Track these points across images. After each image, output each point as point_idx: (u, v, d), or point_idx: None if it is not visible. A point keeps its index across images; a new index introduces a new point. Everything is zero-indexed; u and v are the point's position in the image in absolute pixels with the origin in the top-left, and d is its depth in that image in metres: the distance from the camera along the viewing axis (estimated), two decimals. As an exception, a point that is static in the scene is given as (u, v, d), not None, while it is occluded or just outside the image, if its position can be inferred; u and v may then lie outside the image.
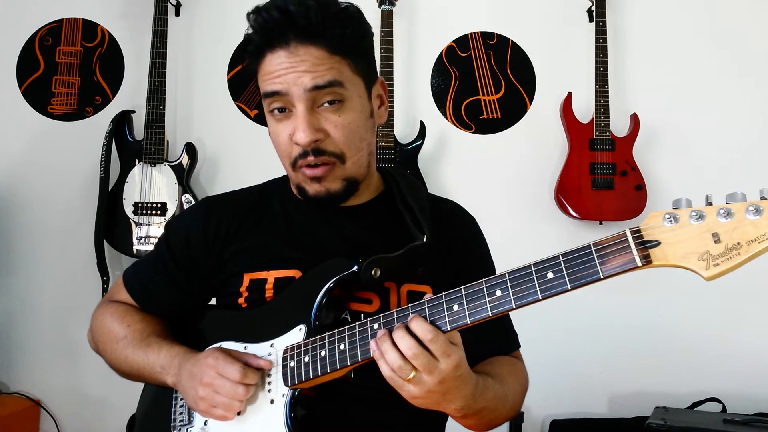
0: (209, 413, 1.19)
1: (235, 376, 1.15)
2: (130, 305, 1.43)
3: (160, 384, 1.30)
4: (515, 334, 1.41)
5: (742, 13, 3.06)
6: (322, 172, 1.23)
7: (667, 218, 0.86)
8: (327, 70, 1.19)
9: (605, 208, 2.84)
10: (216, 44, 3.11)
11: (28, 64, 3.09)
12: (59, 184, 3.04)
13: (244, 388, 1.15)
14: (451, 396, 1.05)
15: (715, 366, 2.89)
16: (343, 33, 1.21)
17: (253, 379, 1.17)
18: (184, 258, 1.38)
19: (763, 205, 0.79)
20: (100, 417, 2.96)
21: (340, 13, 1.23)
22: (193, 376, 1.20)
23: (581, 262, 0.92)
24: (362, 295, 1.26)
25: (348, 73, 1.22)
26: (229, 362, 1.17)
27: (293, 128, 1.21)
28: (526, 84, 3.09)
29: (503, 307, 0.99)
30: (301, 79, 1.18)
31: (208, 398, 1.17)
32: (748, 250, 0.80)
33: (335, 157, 1.23)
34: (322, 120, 1.21)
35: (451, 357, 1.01)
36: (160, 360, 1.28)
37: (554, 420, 2.85)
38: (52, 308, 3.01)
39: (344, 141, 1.23)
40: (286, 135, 1.23)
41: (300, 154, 1.22)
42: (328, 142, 1.22)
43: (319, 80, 1.18)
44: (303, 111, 1.19)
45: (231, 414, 1.17)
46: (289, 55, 1.18)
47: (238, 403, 1.16)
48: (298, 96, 1.19)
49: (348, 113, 1.23)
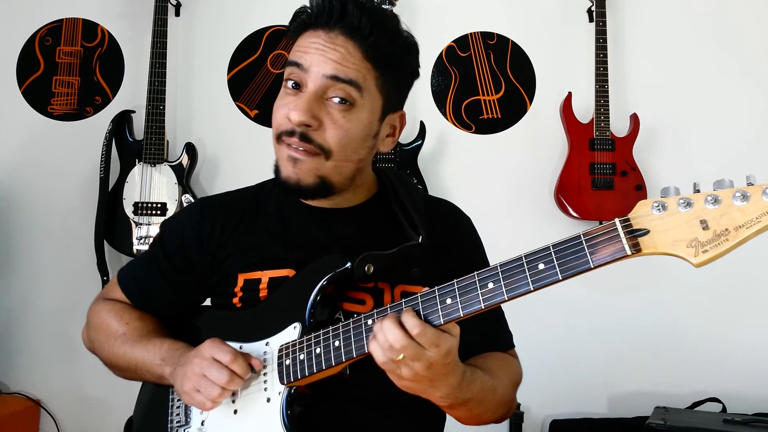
0: (191, 397, 1.18)
1: (225, 358, 1.15)
2: (125, 304, 1.43)
3: (156, 378, 1.30)
4: (510, 334, 1.41)
5: (742, 13, 3.06)
6: (301, 156, 1.22)
7: (655, 206, 0.86)
8: (352, 69, 1.20)
9: (605, 208, 2.84)
10: (216, 44, 3.12)
11: (28, 64, 3.10)
12: (59, 184, 3.04)
13: (228, 374, 1.14)
14: (438, 383, 1.05)
15: (715, 366, 2.89)
16: (386, 48, 1.22)
17: (240, 369, 1.16)
18: (178, 259, 1.38)
19: (750, 190, 0.80)
20: (100, 417, 2.96)
21: (394, 33, 1.25)
22: (189, 361, 1.20)
23: (571, 252, 0.92)
24: (356, 295, 1.26)
25: (371, 84, 1.22)
26: (224, 346, 1.18)
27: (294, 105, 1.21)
28: (526, 84, 3.09)
29: (495, 299, 0.99)
30: (324, 64, 1.19)
31: (193, 378, 1.17)
32: (736, 235, 0.80)
33: (320, 149, 1.21)
34: (323, 111, 1.21)
35: (440, 347, 1.01)
36: (161, 353, 1.29)
37: (554, 420, 2.85)
38: (52, 308, 3.01)
39: (336, 140, 1.21)
40: (286, 109, 1.22)
41: (287, 131, 1.22)
42: (318, 132, 1.21)
43: (341, 73, 1.19)
44: (310, 92, 1.20)
45: (209, 402, 1.16)
46: (327, 38, 1.20)
47: (219, 390, 1.15)
48: (314, 77, 1.19)
49: (352, 120, 1.22)
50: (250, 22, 3.10)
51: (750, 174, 0.80)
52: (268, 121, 1.31)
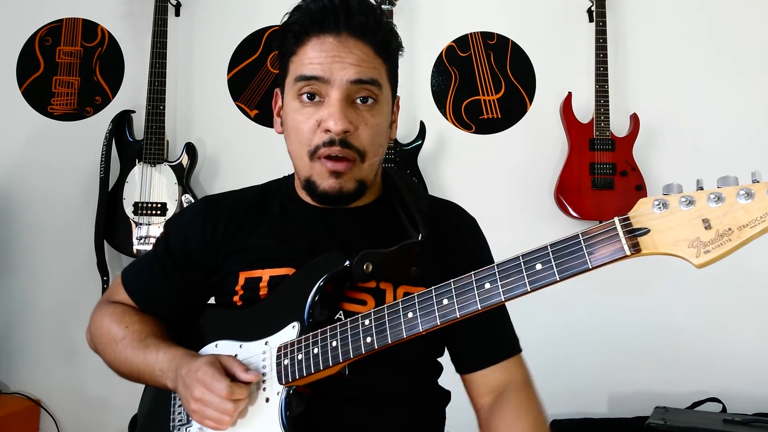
0: (203, 424, 1.18)
1: (223, 393, 1.13)
2: (128, 306, 1.42)
3: (161, 387, 1.30)
4: (515, 338, 1.37)
5: (741, 13, 3.06)
6: (344, 168, 1.23)
7: (656, 204, 0.83)
8: (371, 68, 1.22)
9: (605, 208, 2.83)
10: (216, 44, 3.11)
11: (28, 64, 3.09)
12: (59, 184, 3.04)
13: (232, 404, 1.14)
14: None
15: (715, 366, 2.88)
16: (388, 39, 1.27)
17: (241, 395, 1.15)
18: (182, 258, 1.38)
19: (754, 188, 0.77)
20: (100, 417, 2.96)
21: (389, 24, 1.29)
22: (186, 387, 1.19)
23: (569, 252, 0.91)
24: (357, 296, 1.25)
25: (384, 78, 1.26)
26: (216, 379, 1.14)
27: (322, 116, 1.21)
28: (526, 84, 3.09)
29: (492, 300, 0.98)
30: (346, 70, 1.19)
31: (199, 412, 1.16)
32: (739, 235, 0.77)
33: (358, 153, 1.23)
34: (354, 114, 1.22)
35: None
36: (158, 363, 1.28)
37: (554, 420, 2.84)
38: (52, 308, 3.00)
39: (369, 140, 1.24)
40: (312, 122, 1.22)
41: (326, 141, 1.21)
42: (355, 136, 1.22)
43: (363, 75, 1.20)
44: (339, 99, 1.20)
45: (223, 426, 1.16)
46: (338, 44, 1.20)
47: (228, 418, 1.15)
48: (338, 85, 1.20)
49: (378, 115, 1.25)
50: (250, 22, 3.10)
51: (756, 170, 0.77)
52: (268, 121, 1.31)
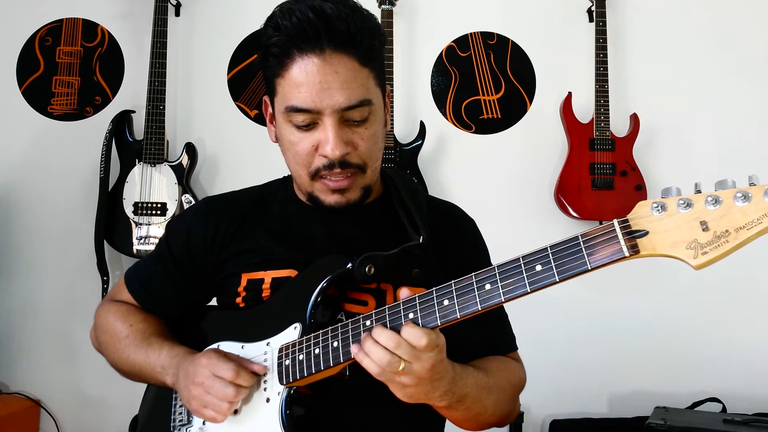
0: (200, 413, 1.18)
1: (228, 375, 1.14)
2: (132, 305, 1.43)
3: (160, 384, 1.30)
4: (512, 337, 1.40)
5: (742, 13, 3.06)
6: (348, 184, 1.24)
7: (654, 207, 0.85)
8: (359, 87, 1.18)
9: (605, 208, 2.83)
10: (216, 44, 3.12)
11: (28, 64, 3.09)
12: (59, 184, 3.04)
13: (234, 388, 1.14)
14: (438, 382, 1.06)
15: (715, 366, 2.89)
16: (372, 44, 1.20)
17: (246, 381, 1.16)
18: (184, 258, 1.39)
19: (751, 191, 0.78)
20: (100, 417, 2.96)
21: (367, 21, 1.19)
22: (188, 375, 1.20)
23: (569, 254, 0.92)
24: (358, 296, 1.26)
25: (373, 86, 1.22)
26: (222, 362, 1.16)
27: (318, 140, 1.20)
28: (526, 84, 3.09)
29: (492, 301, 0.99)
30: (334, 98, 1.16)
31: (199, 397, 1.17)
32: (736, 237, 0.79)
33: (358, 168, 1.23)
34: (349, 134, 1.21)
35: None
36: (160, 360, 1.28)
37: (554, 420, 2.84)
38: (52, 308, 3.01)
39: (367, 153, 1.24)
40: (308, 145, 1.21)
41: (326, 165, 1.21)
42: (354, 155, 1.22)
43: (352, 100, 1.17)
44: (334, 125, 1.18)
45: (220, 416, 1.16)
46: (322, 64, 1.14)
47: (228, 404, 1.15)
48: (329, 113, 1.17)
49: (372, 126, 1.24)
50: (251, 22, 3.09)
51: (753, 174, 0.78)
52: (268, 122, 1.31)
